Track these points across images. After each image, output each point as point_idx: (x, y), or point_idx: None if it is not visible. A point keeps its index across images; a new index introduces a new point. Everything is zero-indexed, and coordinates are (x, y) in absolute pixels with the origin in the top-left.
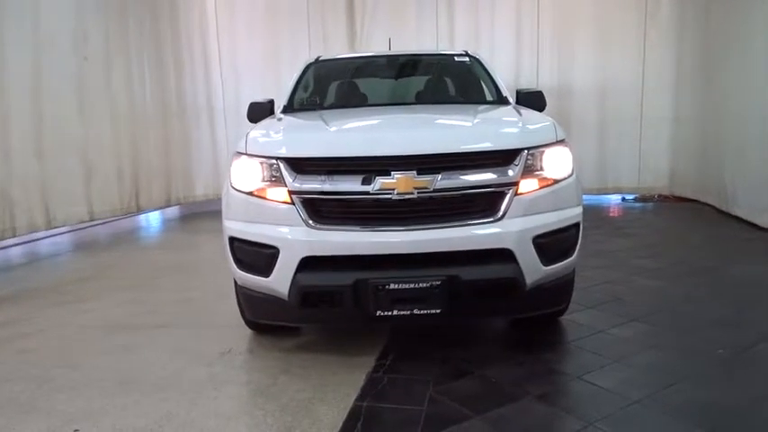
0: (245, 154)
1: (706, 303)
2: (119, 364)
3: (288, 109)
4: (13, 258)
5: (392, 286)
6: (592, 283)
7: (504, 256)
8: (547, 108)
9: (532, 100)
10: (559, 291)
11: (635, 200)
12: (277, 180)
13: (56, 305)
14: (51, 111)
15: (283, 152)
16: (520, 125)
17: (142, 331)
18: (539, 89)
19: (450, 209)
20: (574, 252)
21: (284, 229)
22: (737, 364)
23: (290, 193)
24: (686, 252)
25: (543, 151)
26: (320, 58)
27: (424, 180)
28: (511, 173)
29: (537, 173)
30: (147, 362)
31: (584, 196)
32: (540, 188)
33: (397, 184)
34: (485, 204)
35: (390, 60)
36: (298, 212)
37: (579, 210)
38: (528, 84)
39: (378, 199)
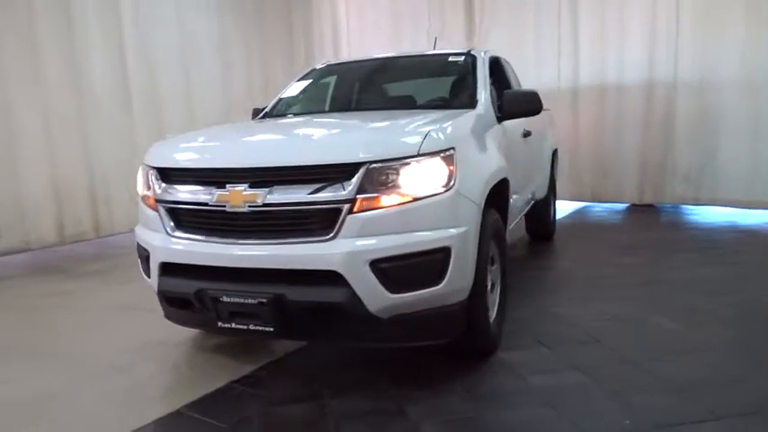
0: (144, 162)
1: None
2: None
3: (258, 115)
4: None
5: (225, 299)
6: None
7: (335, 278)
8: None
9: (519, 103)
10: (437, 322)
11: None
12: (151, 188)
13: None
14: (202, 114)
15: (154, 161)
16: (367, 137)
17: None
18: (532, 90)
19: (281, 225)
20: (442, 280)
21: (153, 235)
22: None
23: (156, 201)
24: None
25: (396, 166)
26: (328, 63)
27: (254, 194)
28: (345, 189)
29: (385, 189)
30: None
31: (732, 209)
32: (387, 207)
33: (230, 197)
34: (316, 222)
35: (379, 65)
36: (161, 219)
37: (450, 232)
38: (666, 80)
39: (214, 211)
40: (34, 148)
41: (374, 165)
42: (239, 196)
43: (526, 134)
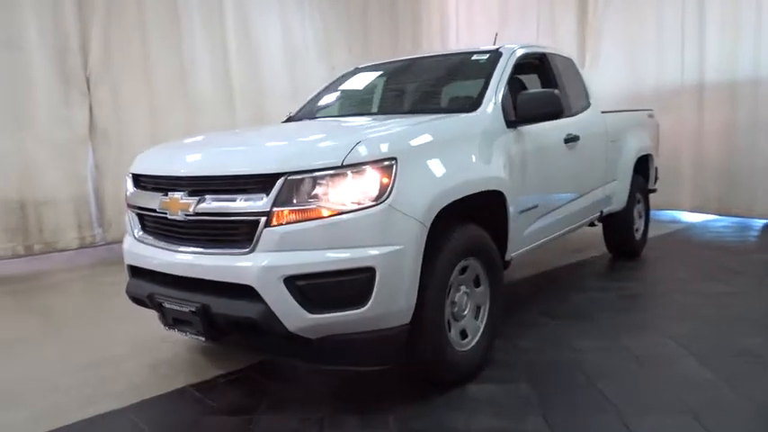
0: None
1: None
2: None
3: (288, 119)
4: None
5: (167, 305)
6: None
7: (252, 293)
8: None
9: (534, 106)
10: (371, 347)
11: None
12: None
13: None
14: None
15: (132, 167)
16: (289, 147)
17: None
18: (550, 91)
19: (209, 235)
20: (366, 302)
21: (126, 238)
22: None
23: (127, 205)
24: None
25: (316, 177)
26: (358, 67)
27: (187, 202)
28: (262, 201)
29: (304, 203)
30: None
31: None
32: (305, 221)
33: (169, 204)
34: (237, 234)
35: (401, 67)
36: (131, 223)
37: (375, 252)
38: None
39: (160, 218)
40: (144, 147)
41: (293, 176)
42: (176, 204)
43: (570, 139)
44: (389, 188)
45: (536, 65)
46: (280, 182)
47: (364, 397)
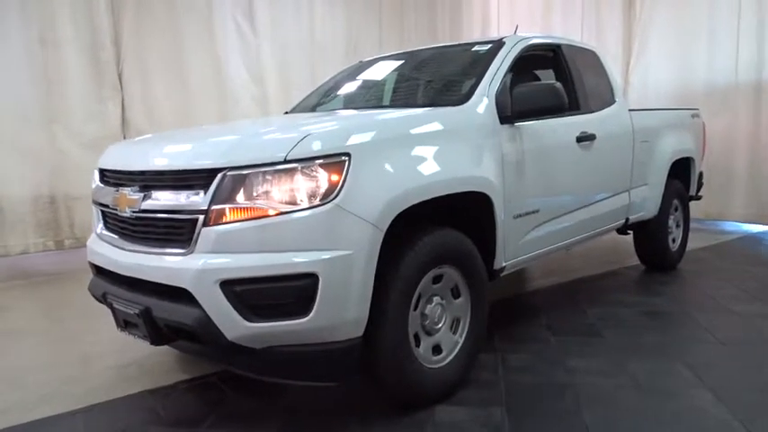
0: None
1: None
2: None
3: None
4: None
5: (115, 306)
6: None
7: (189, 298)
8: None
9: (532, 100)
10: (318, 362)
11: None
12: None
13: None
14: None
15: (99, 161)
16: (230, 141)
17: None
18: (550, 83)
19: (153, 233)
20: (308, 312)
21: (92, 234)
22: None
23: (92, 201)
24: None
25: (256, 173)
26: (362, 61)
27: (134, 198)
28: (199, 197)
29: (243, 200)
30: None
31: None
32: (244, 221)
33: (119, 200)
34: (178, 233)
35: (404, 60)
36: (94, 218)
37: (319, 256)
38: None
39: (113, 214)
40: None
41: (232, 172)
42: (125, 200)
43: (584, 138)
44: (339, 187)
45: (550, 58)
46: (218, 178)
47: (320, 416)
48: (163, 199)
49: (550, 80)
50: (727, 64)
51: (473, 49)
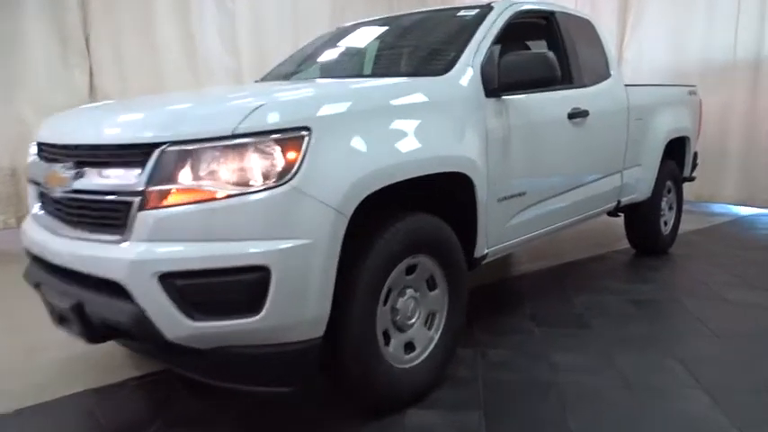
0: None
1: None
2: None
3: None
4: None
5: (49, 298)
6: None
7: (124, 292)
8: None
9: (521, 70)
10: (273, 364)
11: None
12: None
13: None
14: None
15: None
16: (172, 111)
17: None
18: (541, 52)
19: (86, 217)
20: (260, 310)
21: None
22: None
23: (27, 178)
24: None
25: (201, 149)
26: (339, 27)
27: (64, 177)
28: (134, 177)
29: (186, 180)
30: None
31: None
32: (187, 204)
33: (50, 177)
34: (113, 218)
35: (386, 25)
36: (30, 198)
37: (271, 246)
38: None
39: (45, 195)
40: None
41: (172, 147)
42: (56, 178)
43: (577, 114)
44: (297, 166)
45: (543, 26)
46: (156, 153)
47: (277, 421)
48: (96, 177)
49: (542, 49)
50: (726, 40)
51: (458, 15)
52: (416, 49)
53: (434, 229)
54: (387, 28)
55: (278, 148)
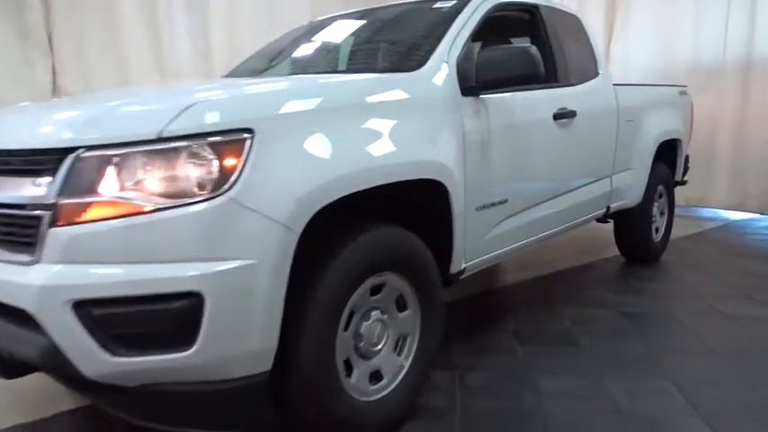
0: None
1: None
2: None
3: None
4: None
5: None
6: None
7: (33, 321)
8: None
9: (500, 67)
10: (213, 405)
11: None
12: None
13: None
14: None
15: None
16: (94, 110)
17: None
18: (522, 47)
19: None
20: (193, 342)
21: None
22: None
23: None
24: None
25: (122, 155)
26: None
27: None
28: (44, 187)
29: (105, 191)
30: None
31: None
32: (106, 219)
33: None
34: (21, 235)
35: (360, 18)
36: None
37: (207, 268)
38: None
39: None
40: None
41: (89, 153)
42: None
43: (563, 114)
44: (236, 174)
45: (526, 21)
46: (69, 160)
47: None
48: (8, 188)
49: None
50: (716, 39)
51: (434, 7)
52: (388, 44)
53: (403, 243)
54: (362, 22)
55: (213, 154)
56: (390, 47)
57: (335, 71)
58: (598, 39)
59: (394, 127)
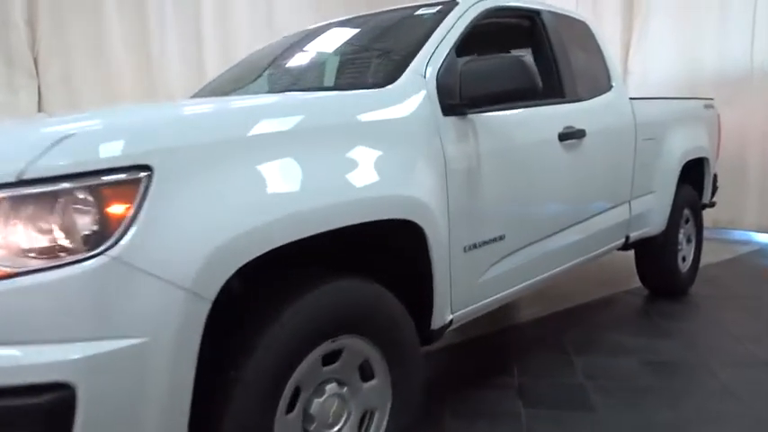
0: None
1: None
2: None
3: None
4: None
5: None
6: None
7: None
8: None
9: (487, 81)
10: None
11: None
12: None
13: None
14: None
15: None
16: None
17: None
18: (514, 56)
19: None
20: None
21: None
22: None
23: None
24: None
25: None
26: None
27: None
28: None
29: None
30: None
31: None
32: None
33: None
34: None
35: (342, 28)
36: None
37: (81, 352)
38: None
39: None
40: None
41: None
42: None
43: (569, 134)
44: (124, 226)
45: (526, 29)
46: None
47: None
48: None
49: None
50: (742, 49)
51: (416, 14)
52: (360, 58)
53: (365, 298)
54: (339, 32)
55: (93, 199)
56: (359, 60)
57: (298, 89)
58: (611, 48)
59: (349, 156)
